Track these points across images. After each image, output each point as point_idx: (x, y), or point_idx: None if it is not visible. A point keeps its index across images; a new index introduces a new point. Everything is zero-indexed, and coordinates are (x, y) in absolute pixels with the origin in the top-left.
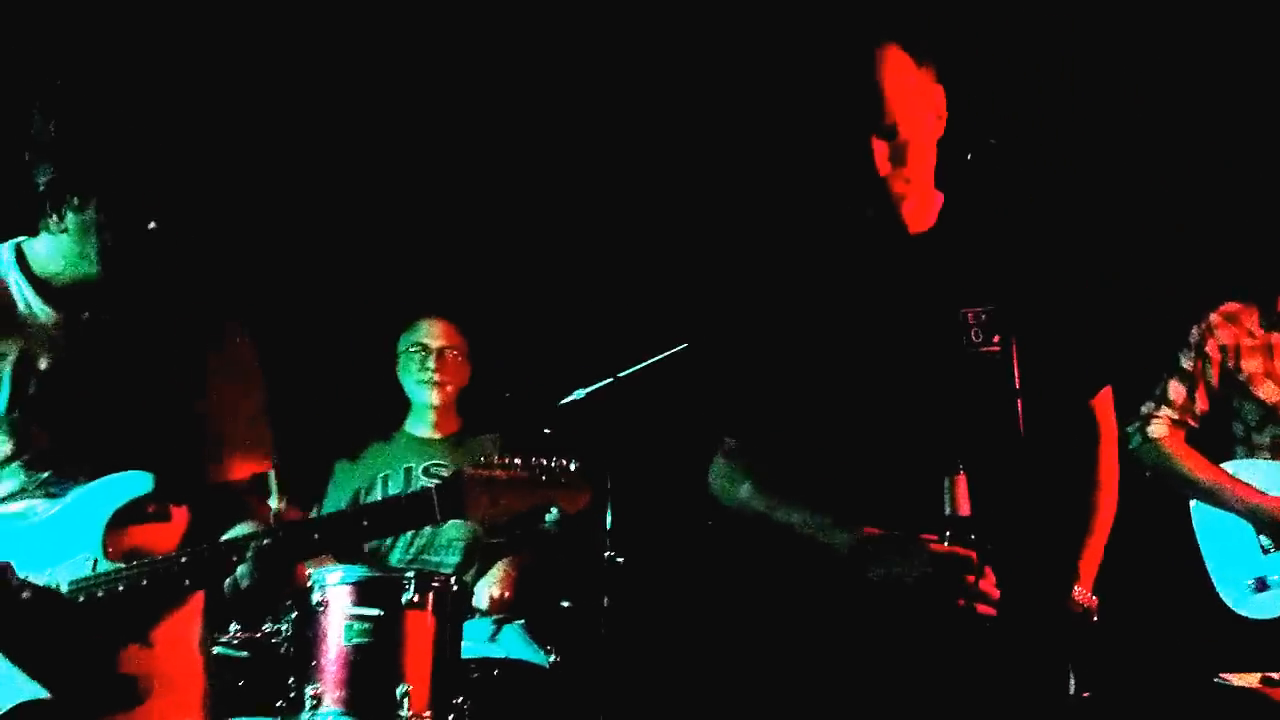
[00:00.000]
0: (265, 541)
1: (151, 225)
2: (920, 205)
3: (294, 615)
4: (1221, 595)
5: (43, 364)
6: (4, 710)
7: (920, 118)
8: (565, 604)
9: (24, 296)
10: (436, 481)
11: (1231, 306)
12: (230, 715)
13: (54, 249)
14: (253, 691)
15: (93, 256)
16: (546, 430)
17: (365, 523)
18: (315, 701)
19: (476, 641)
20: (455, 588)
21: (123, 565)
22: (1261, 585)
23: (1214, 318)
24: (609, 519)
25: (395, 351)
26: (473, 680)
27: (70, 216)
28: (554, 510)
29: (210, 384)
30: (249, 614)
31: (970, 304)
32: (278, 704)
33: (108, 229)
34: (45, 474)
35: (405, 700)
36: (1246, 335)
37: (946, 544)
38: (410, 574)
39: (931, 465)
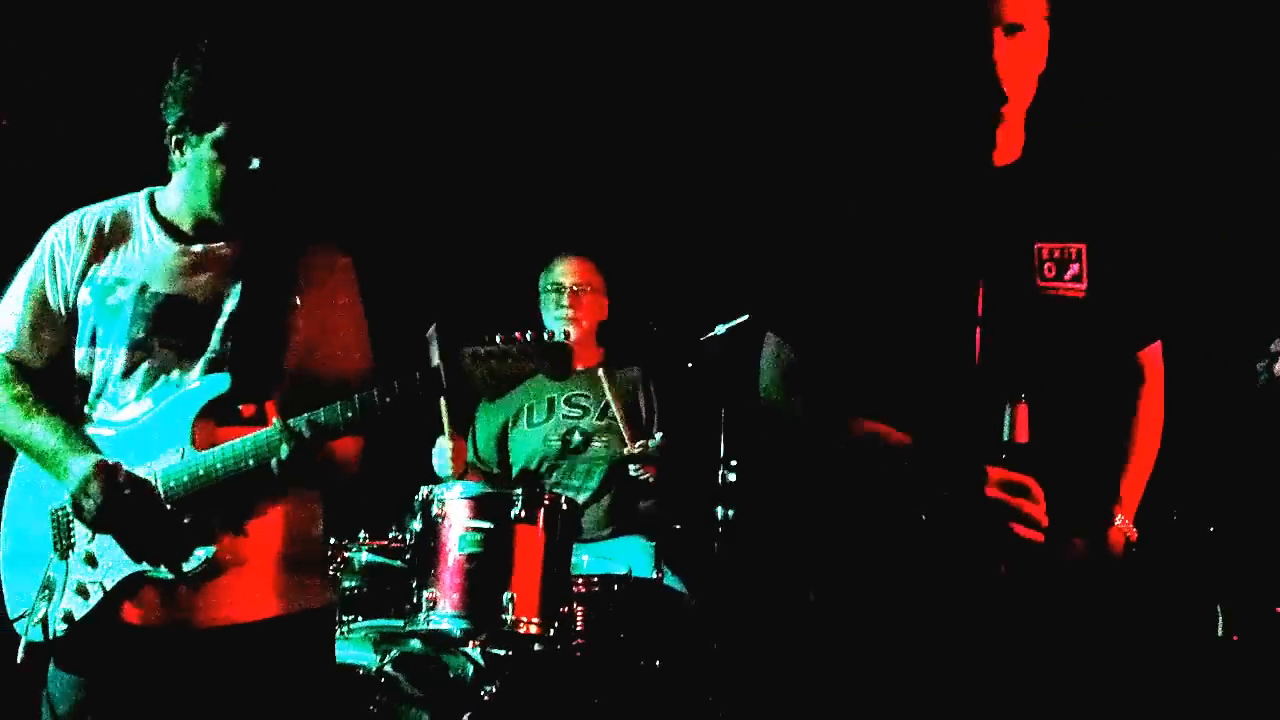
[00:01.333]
0: (293, 430)
1: (255, 164)
2: (1010, 135)
3: (418, 526)
4: None
5: (160, 289)
6: (118, 580)
7: (1039, 30)
8: (678, 527)
9: (149, 233)
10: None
11: None
12: (358, 616)
13: (177, 188)
14: (381, 595)
15: (204, 190)
16: (689, 364)
17: (387, 400)
18: (431, 604)
19: (608, 559)
20: (565, 507)
21: (203, 453)
22: None
23: None
24: (722, 446)
25: (537, 290)
26: (589, 594)
27: (190, 152)
28: (656, 436)
29: (303, 304)
30: (375, 522)
31: (1044, 239)
32: (405, 607)
33: (219, 164)
34: (158, 383)
35: (510, 605)
36: None
37: (1005, 469)
38: (519, 491)
39: (994, 393)
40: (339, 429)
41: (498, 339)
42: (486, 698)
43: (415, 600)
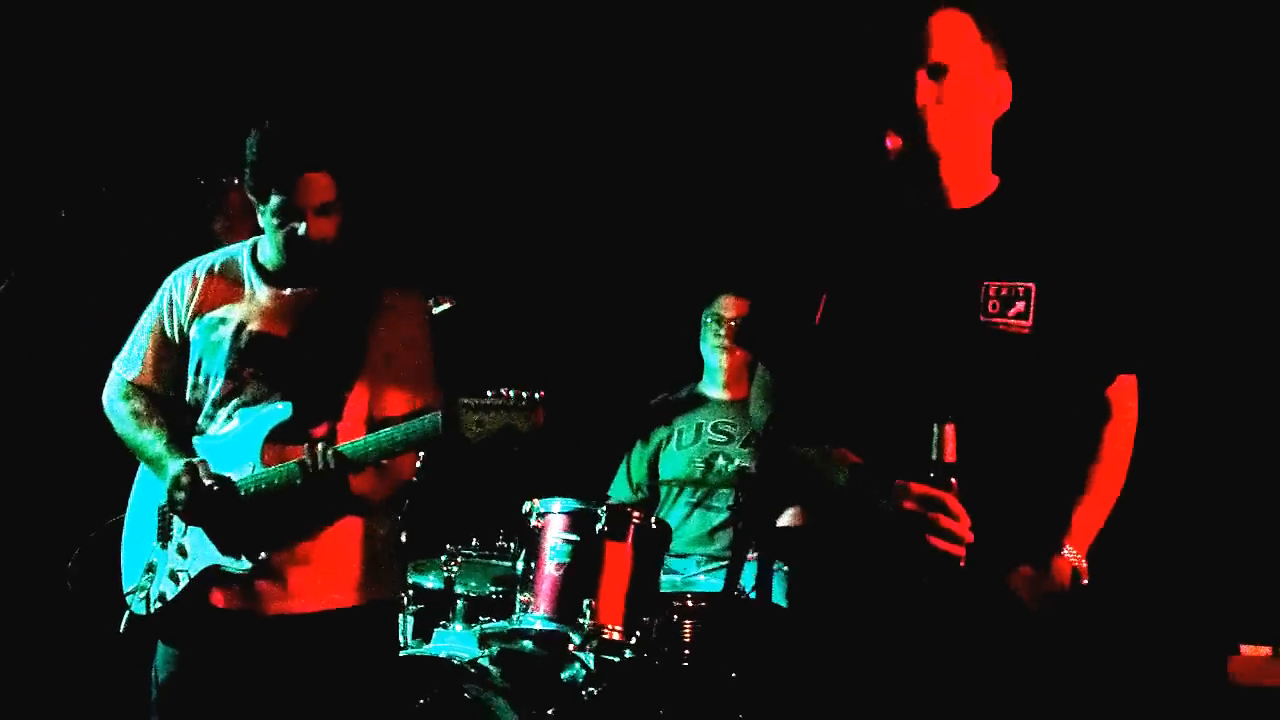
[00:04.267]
0: (320, 460)
1: (301, 229)
2: (965, 178)
3: (521, 536)
4: None
5: (254, 327)
6: (200, 570)
7: (969, 72)
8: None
9: (250, 278)
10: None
11: None
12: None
13: (266, 242)
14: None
15: (274, 246)
16: None
17: (387, 444)
18: (525, 606)
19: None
20: (654, 526)
21: (264, 469)
22: None
23: None
24: None
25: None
26: (682, 608)
27: (261, 214)
28: None
29: (372, 342)
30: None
31: (992, 277)
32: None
33: (278, 229)
34: (246, 408)
35: (590, 611)
36: None
37: (928, 486)
38: (603, 508)
39: (929, 417)
40: (364, 460)
41: (488, 393)
42: (586, 699)
43: (514, 603)
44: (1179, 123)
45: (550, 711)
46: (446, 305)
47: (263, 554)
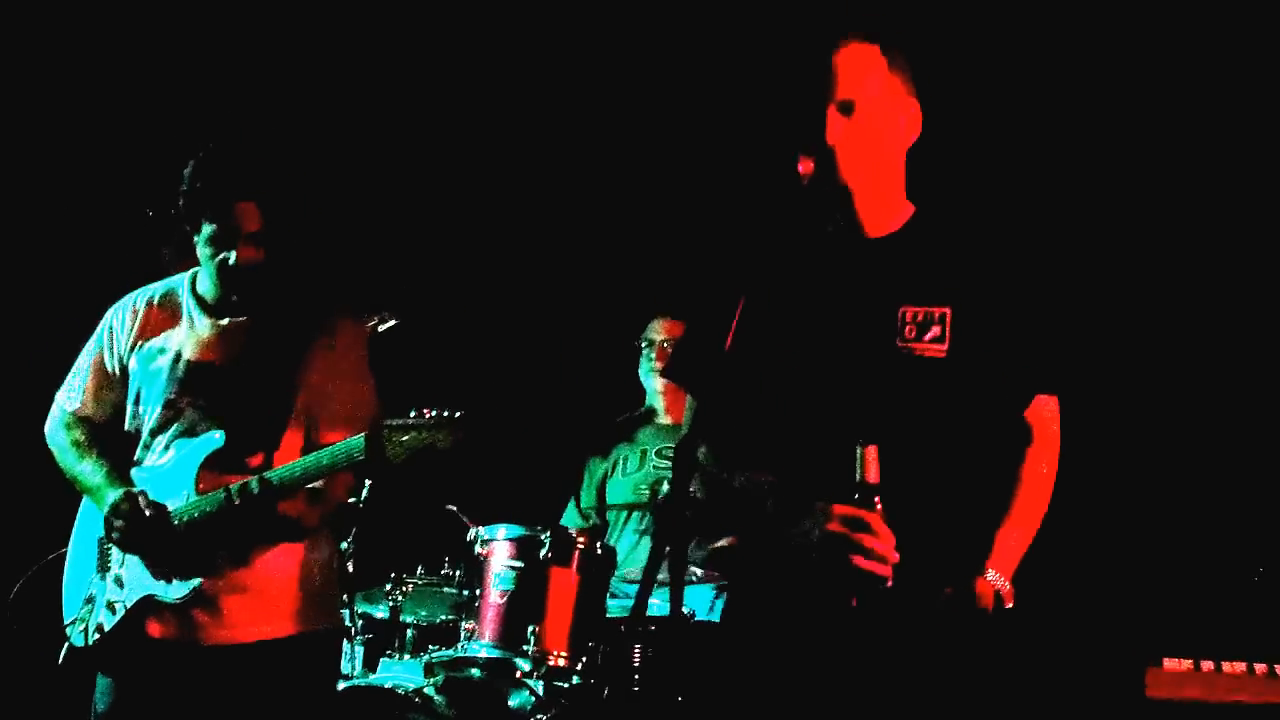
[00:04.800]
0: (246, 487)
1: (231, 259)
2: (879, 207)
3: (466, 563)
4: None
5: (190, 357)
6: (135, 600)
7: (877, 105)
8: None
9: (189, 308)
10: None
11: None
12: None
13: (202, 272)
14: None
15: (208, 276)
16: None
17: (313, 468)
18: (470, 634)
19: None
20: (600, 551)
21: (197, 497)
22: None
23: None
24: None
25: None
26: (629, 633)
27: (198, 243)
28: None
29: (311, 371)
30: (429, 559)
31: (910, 302)
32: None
33: (210, 258)
34: (183, 437)
35: (534, 638)
36: None
37: (852, 506)
38: (548, 534)
39: (850, 441)
40: (292, 485)
41: (410, 414)
42: None
43: (456, 629)
44: (1085, 145)
45: None
46: (391, 323)
47: (196, 580)
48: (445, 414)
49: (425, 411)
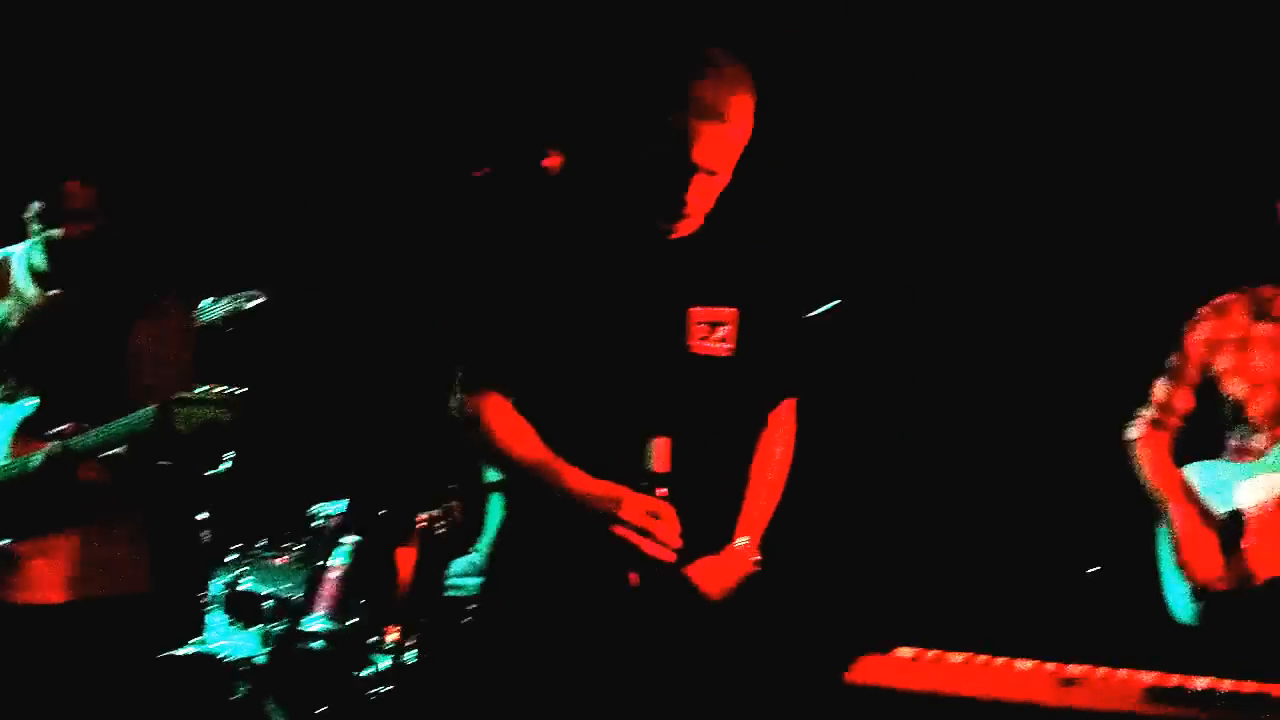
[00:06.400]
0: (49, 452)
1: (57, 234)
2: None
3: (308, 538)
4: (1168, 601)
5: (14, 324)
6: None
7: (731, 166)
8: None
9: (19, 279)
10: None
11: (1225, 298)
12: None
13: (35, 246)
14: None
15: (40, 248)
16: None
17: (108, 437)
18: (308, 606)
19: None
20: (443, 529)
21: (6, 461)
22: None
23: (1203, 310)
24: None
25: None
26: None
27: (29, 219)
28: None
29: (132, 345)
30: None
31: (702, 303)
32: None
33: (39, 233)
34: (5, 402)
35: (371, 612)
36: (1229, 328)
37: (642, 494)
38: (386, 510)
39: (643, 432)
40: (88, 452)
41: (197, 389)
42: (373, 700)
43: (296, 603)
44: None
45: (329, 711)
46: (259, 300)
47: (5, 540)
48: (229, 391)
49: (212, 387)
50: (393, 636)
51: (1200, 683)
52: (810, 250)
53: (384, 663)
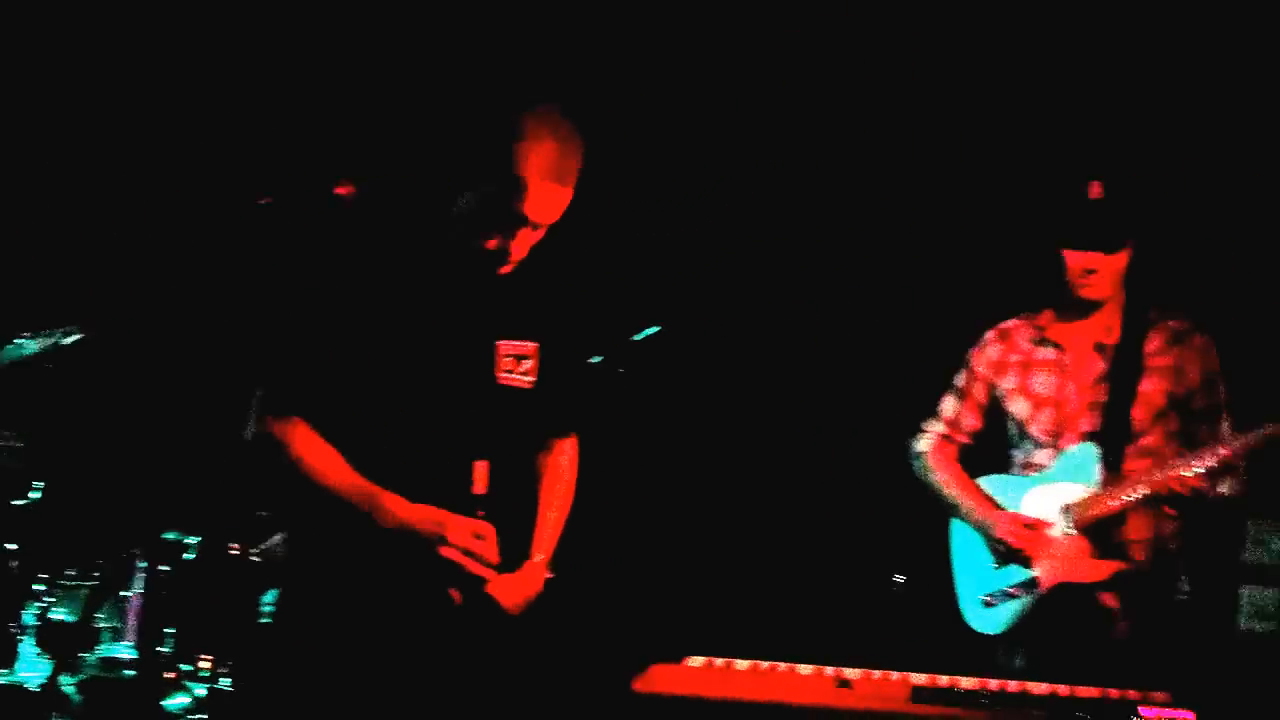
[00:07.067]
0: None
1: None
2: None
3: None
4: (961, 609)
5: None
6: None
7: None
8: None
9: None
10: None
11: (1009, 323)
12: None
13: None
14: None
15: None
16: None
17: None
18: (114, 634)
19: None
20: (257, 558)
21: None
22: (989, 601)
23: (989, 334)
24: None
25: None
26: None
27: None
28: None
29: None
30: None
31: (507, 337)
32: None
33: None
34: None
35: (177, 640)
36: (1012, 351)
37: (462, 517)
38: (196, 539)
39: (464, 457)
40: None
41: None
42: None
43: (103, 631)
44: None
45: None
46: (76, 336)
47: None
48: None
49: None
50: (205, 665)
51: (967, 683)
52: (611, 290)
53: (199, 690)
